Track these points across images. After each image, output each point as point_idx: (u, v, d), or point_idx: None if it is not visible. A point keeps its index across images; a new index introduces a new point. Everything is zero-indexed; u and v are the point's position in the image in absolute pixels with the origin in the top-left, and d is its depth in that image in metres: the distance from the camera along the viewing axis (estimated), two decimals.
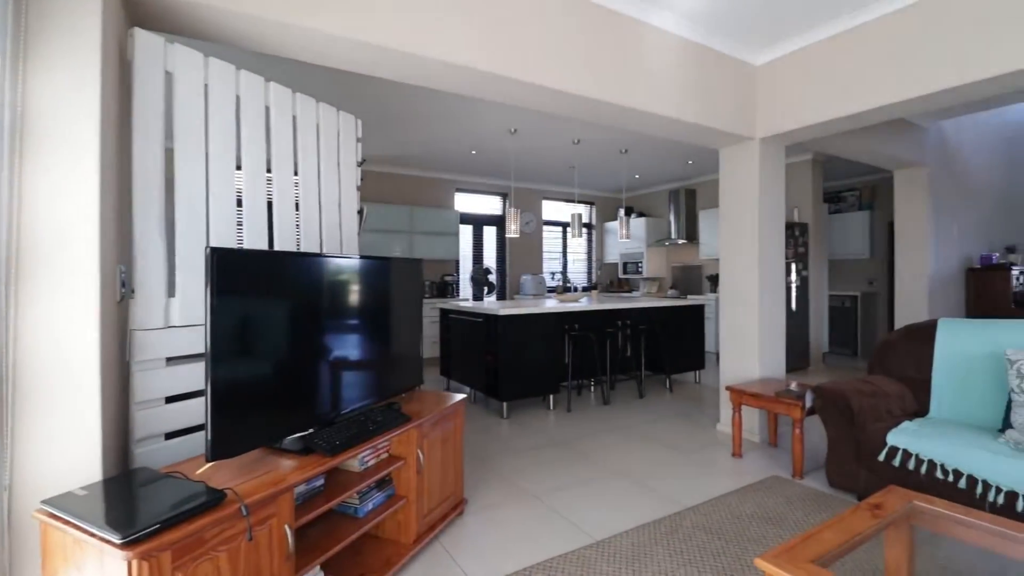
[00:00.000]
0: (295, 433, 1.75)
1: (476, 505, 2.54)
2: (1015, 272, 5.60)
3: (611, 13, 2.85)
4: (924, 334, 2.71)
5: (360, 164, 2.67)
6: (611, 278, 9.12)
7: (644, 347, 5.12)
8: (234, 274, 1.54)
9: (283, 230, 2.21)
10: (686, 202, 7.73)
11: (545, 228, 8.42)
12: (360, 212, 2.63)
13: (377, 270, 2.21)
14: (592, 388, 5.03)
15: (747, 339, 3.56)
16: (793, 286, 5.72)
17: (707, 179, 7.69)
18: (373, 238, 6.34)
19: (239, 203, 2.04)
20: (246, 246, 2.04)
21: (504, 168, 6.93)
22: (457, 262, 7.38)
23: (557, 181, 7.92)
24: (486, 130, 5.26)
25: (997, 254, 5.91)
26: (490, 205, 7.90)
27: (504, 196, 7.93)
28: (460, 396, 2.46)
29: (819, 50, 3.21)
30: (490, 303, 5.12)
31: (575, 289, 8.37)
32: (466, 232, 7.60)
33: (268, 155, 2.18)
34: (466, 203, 7.64)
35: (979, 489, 2.04)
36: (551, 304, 4.76)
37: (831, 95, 3.15)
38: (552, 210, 8.54)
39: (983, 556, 2.01)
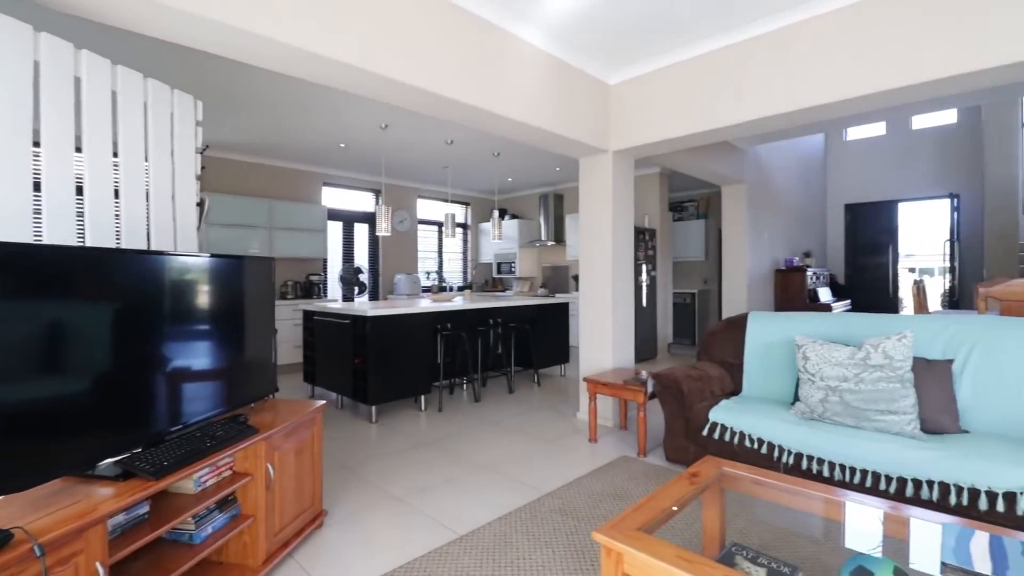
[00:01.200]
0: (111, 456, 1.52)
1: (338, 515, 2.44)
2: (809, 273, 6.84)
3: (482, 21, 2.92)
4: (738, 325, 3.20)
5: (201, 151, 2.41)
6: (486, 278, 9.32)
7: (515, 344, 5.32)
8: (18, 273, 1.30)
9: (97, 222, 1.91)
10: (555, 206, 8.18)
11: (420, 227, 8.32)
12: (200, 204, 2.37)
13: (217, 269, 2.01)
14: (464, 386, 5.10)
15: (602, 333, 3.89)
16: (644, 285, 6.36)
17: (573, 185, 8.22)
18: (226, 234, 5.74)
19: (37, 187, 1.72)
20: (46, 239, 1.72)
21: (375, 164, 6.71)
22: (325, 261, 6.98)
23: (432, 180, 7.88)
24: (355, 124, 5.05)
25: (797, 258, 7.17)
26: (361, 201, 7.60)
27: (377, 193, 7.68)
28: (319, 403, 2.34)
29: (660, 76, 3.61)
30: (361, 303, 4.93)
31: (450, 289, 8.40)
32: (335, 229, 7.21)
33: (79, 133, 1.86)
34: (335, 198, 7.25)
35: (776, 453, 2.47)
36: (424, 304, 4.72)
37: (670, 117, 3.56)
38: (427, 209, 8.47)
39: (781, 509, 2.44)
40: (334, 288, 7.07)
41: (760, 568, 1.64)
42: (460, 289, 8.78)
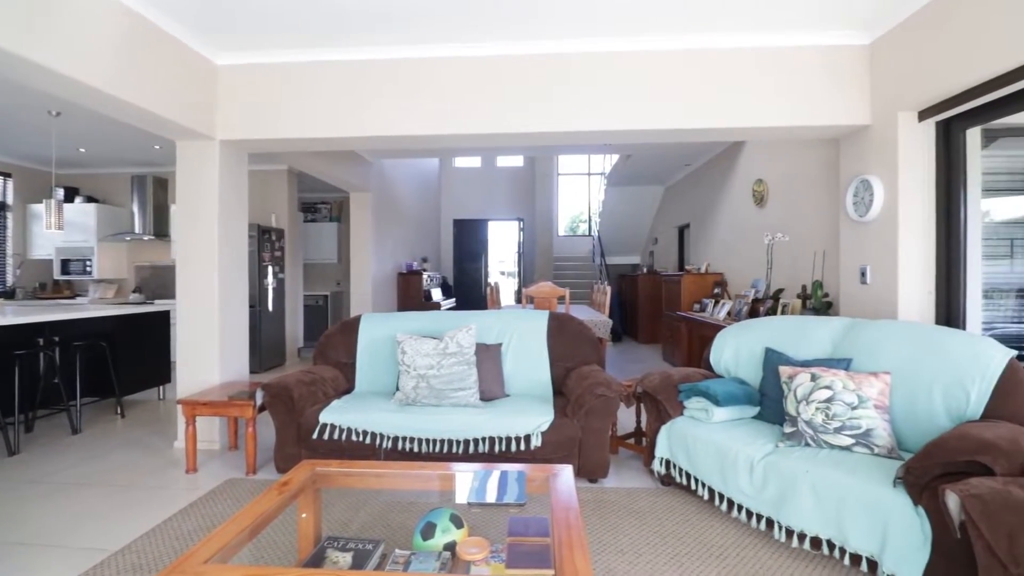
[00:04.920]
0: None
1: None
2: (425, 276, 7.91)
3: None
4: (352, 326, 3.39)
5: None
6: (42, 280, 6.83)
7: (87, 368, 4.08)
8: None
9: None
10: (155, 192, 6.71)
11: None
12: None
13: None
14: None
15: (207, 345, 3.43)
16: (270, 288, 5.97)
17: None
18: None
19: None
20: None
21: None
22: None
23: None
24: None
25: (416, 263, 8.17)
26: None
27: None
28: None
29: (282, 72, 3.42)
30: None
31: None
32: None
33: None
34: None
35: (378, 441, 2.73)
36: None
37: (289, 116, 3.43)
38: None
39: (383, 492, 2.70)
40: None
41: (347, 553, 1.78)
42: None
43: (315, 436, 2.72)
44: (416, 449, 2.70)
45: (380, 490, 2.62)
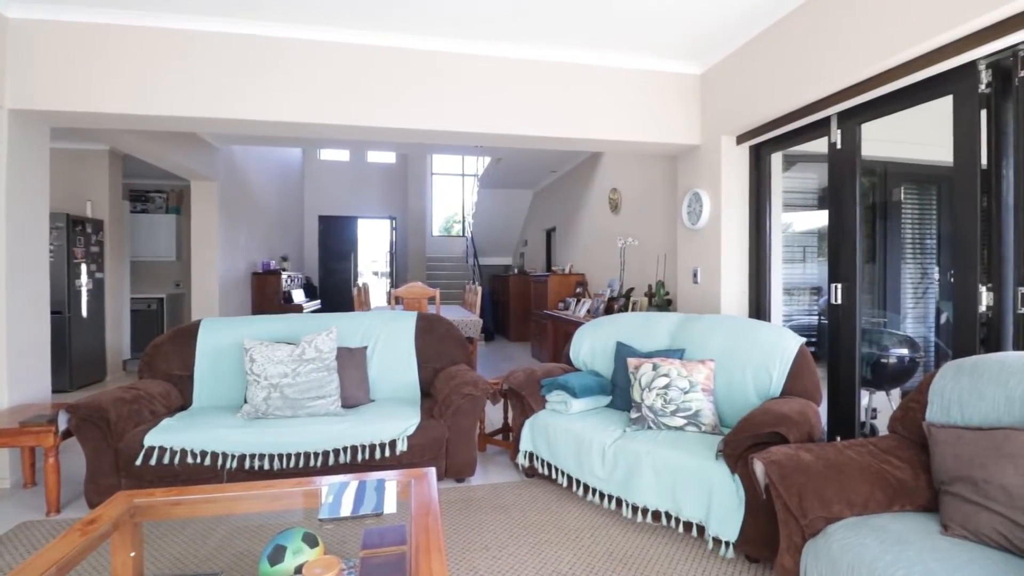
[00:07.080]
0: None
1: None
2: (285, 276, 7.29)
3: None
4: (189, 334, 3.00)
5: None
6: None
7: None
8: None
9: None
10: None
11: None
12: None
13: None
14: None
15: None
16: (84, 289, 5.04)
17: None
18: None
19: None
20: None
21: None
22: None
23: None
24: None
25: (274, 262, 7.49)
26: None
27: None
28: None
29: (96, 34, 2.90)
30: None
31: None
32: None
33: None
34: None
35: (220, 461, 2.44)
36: None
37: (103, 89, 2.92)
38: None
39: (226, 518, 2.42)
40: None
41: None
42: None
43: (139, 462, 2.34)
44: (268, 466, 2.46)
45: (226, 516, 2.35)
